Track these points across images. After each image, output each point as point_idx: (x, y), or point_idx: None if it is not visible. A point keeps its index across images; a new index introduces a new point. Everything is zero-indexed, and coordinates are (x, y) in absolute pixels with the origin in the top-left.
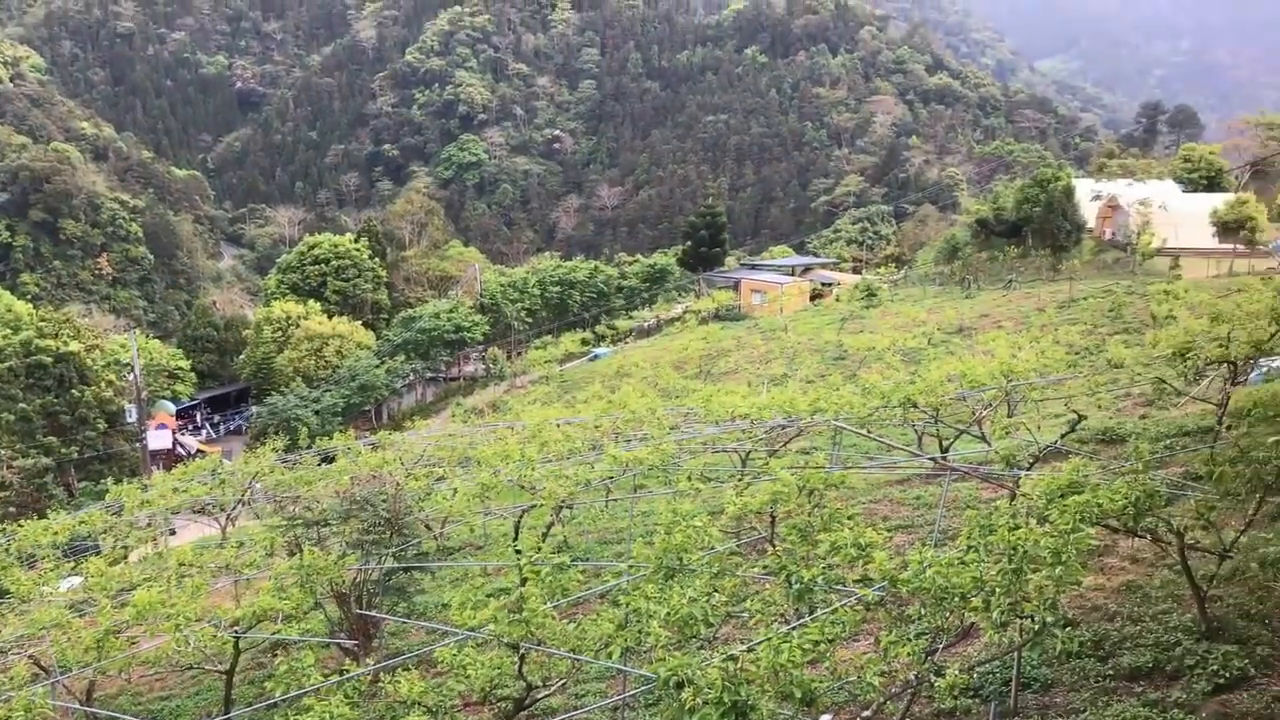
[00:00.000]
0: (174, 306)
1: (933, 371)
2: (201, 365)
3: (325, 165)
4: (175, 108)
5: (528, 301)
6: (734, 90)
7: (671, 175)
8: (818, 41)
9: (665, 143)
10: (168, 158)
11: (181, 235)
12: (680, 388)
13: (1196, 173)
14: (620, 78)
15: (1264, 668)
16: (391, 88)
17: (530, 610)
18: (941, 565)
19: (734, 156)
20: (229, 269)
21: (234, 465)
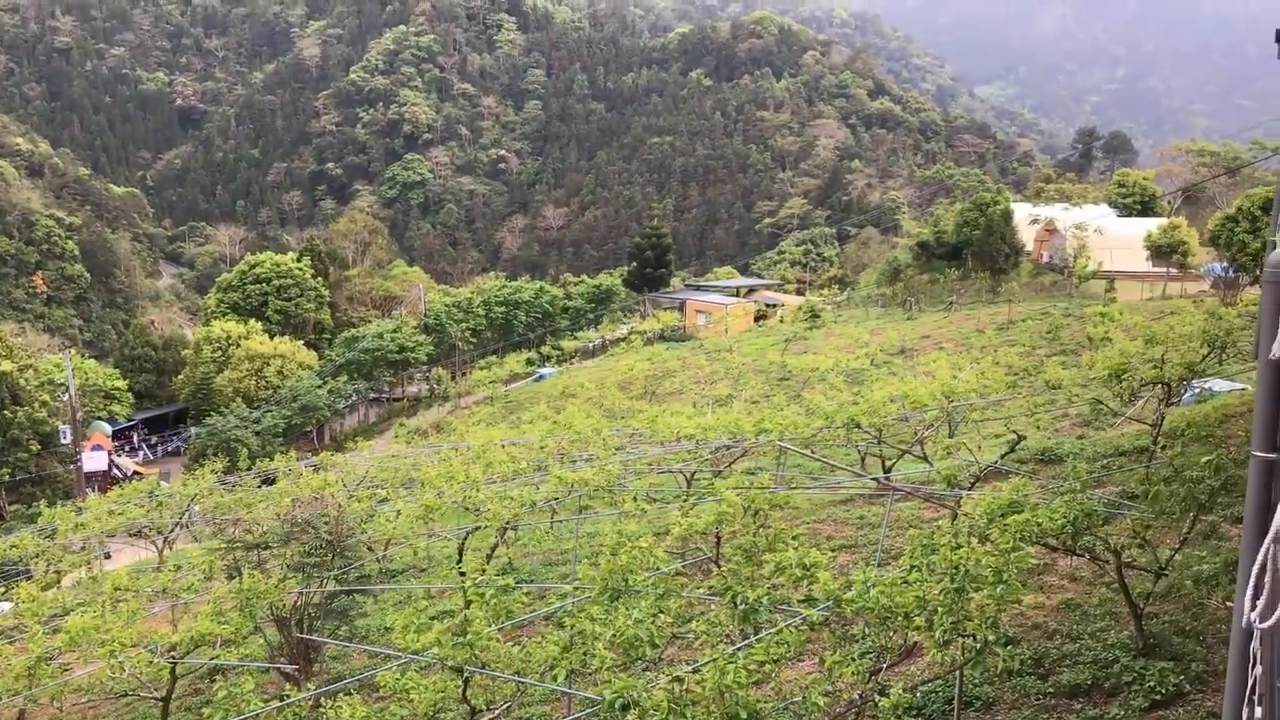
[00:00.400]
0: (111, 326)
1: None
2: (139, 385)
3: (267, 184)
4: (114, 124)
5: (472, 322)
6: (679, 112)
7: (617, 196)
8: (762, 65)
9: (611, 164)
10: (106, 175)
11: (119, 253)
12: (626, 408)
13: (1130, 198)
14: (566, 99)
15: (1199, 684)
16: (335, 106)
17: (474, 633)
18: (885, 585)
19: (679, 178)
20: (168, 288)
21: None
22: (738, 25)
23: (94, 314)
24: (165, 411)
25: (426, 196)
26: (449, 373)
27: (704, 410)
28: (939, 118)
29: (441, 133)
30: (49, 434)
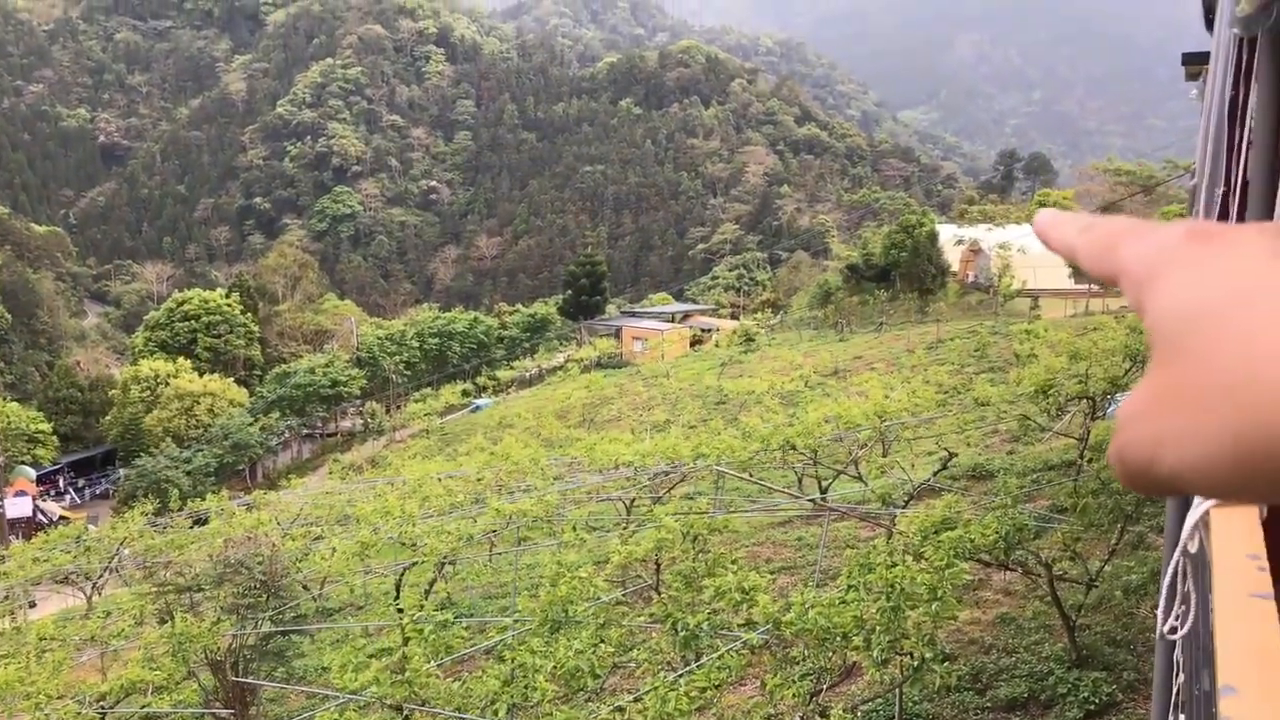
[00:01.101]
0: (34, 367)
1: (810, 414)
2: (64, 428)
3: (194, 219)
4: (34, 162)
5: (406, 354)
6: (610, 141)
7: (550, 225)
8: (690, 94)
9: (543, 193)
10: (26, 213)
11: (42, 293)
12: (563, 437)
13: None
14: (496, 129)
15: (1130, 692)
16: (262, 140)
17: (413, 670)
18: (823, 606)
19: (612, 206)
20: (94, 327)
21: (100, 531)
22: (665, 54)
23: (16, 356)
24: (93, 454)
25: (357, 229)
26: (383, 406)
27: (642, 436)
28: (864, 143)
29: (371, 165)
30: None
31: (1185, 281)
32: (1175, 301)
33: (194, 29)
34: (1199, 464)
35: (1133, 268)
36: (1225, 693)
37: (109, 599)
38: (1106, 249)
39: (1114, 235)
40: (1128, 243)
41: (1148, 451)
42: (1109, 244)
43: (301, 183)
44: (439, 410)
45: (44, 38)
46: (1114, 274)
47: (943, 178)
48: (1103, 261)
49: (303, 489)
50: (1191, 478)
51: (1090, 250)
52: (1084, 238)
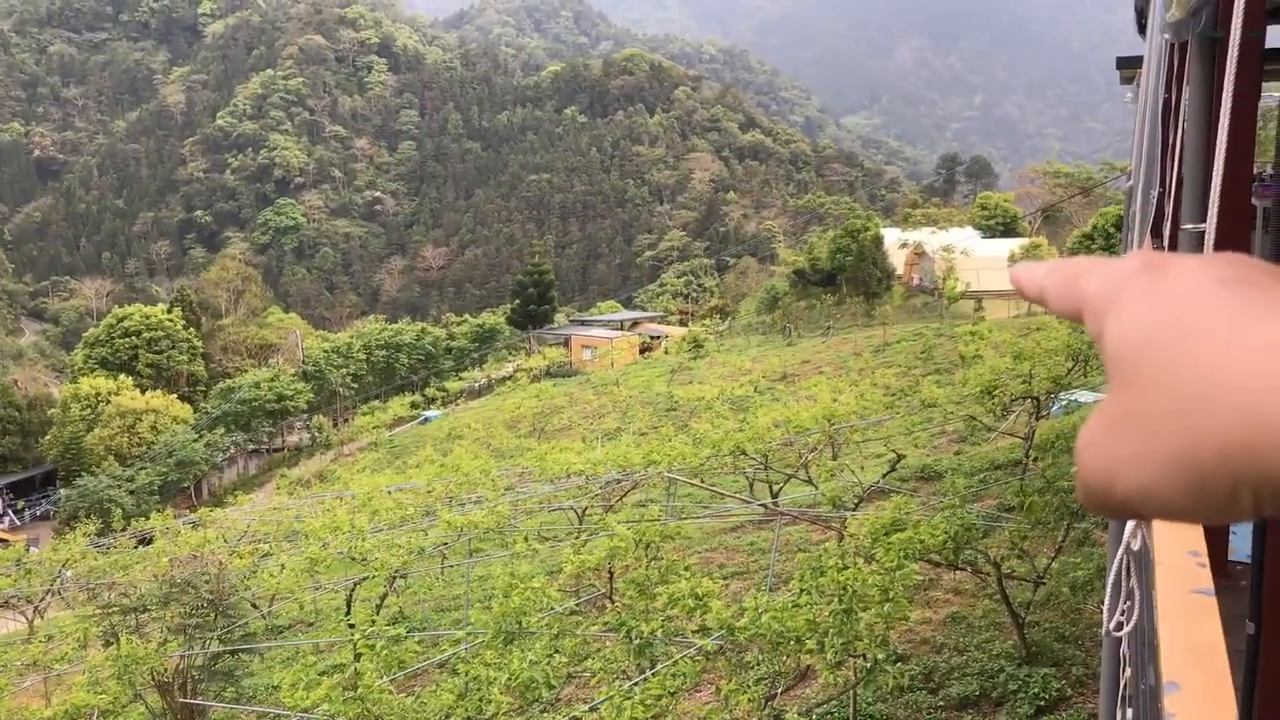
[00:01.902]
0: None
1: (760, 419)
2: (2, 449)
3: (134, 234)
4: None
5: (353, 367)
6: (555, 149)
7: (497, 234)
8: (635, 102)
9: (489, 202)
10: None
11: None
12: (514, 447)
13: (993, 219)
14: (441, 138)
15: (1079, 687)
16: (203, 153)
17: (365, 686)
18: (776, 610)
19: (558, 214)
20: (31, 345)
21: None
22: (609, 63)
23: None
24: (32, 474)
25: (301, 241)
26: (330, 420)
27: (593, 445)
28: (808, 148)
29: (314, 176)
30: None
31: (1137, 311)
32: (1129, 329)
33: (130, 41)
34: (1153, 487)
35: (1093, 300)
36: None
37: (51, 622)
38: (1070, 285)
39: (1076, 272)
40: (1089, 277)
41: (1105, 476)
42: (1072, 280)
43: (243, 195)
44: (387, 423)
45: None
46: (1077, 308)
47: (886, 182)
48: (1067, 298)
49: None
50: (1146, 501)
51: (1055, 289)
52: (1050, 279)
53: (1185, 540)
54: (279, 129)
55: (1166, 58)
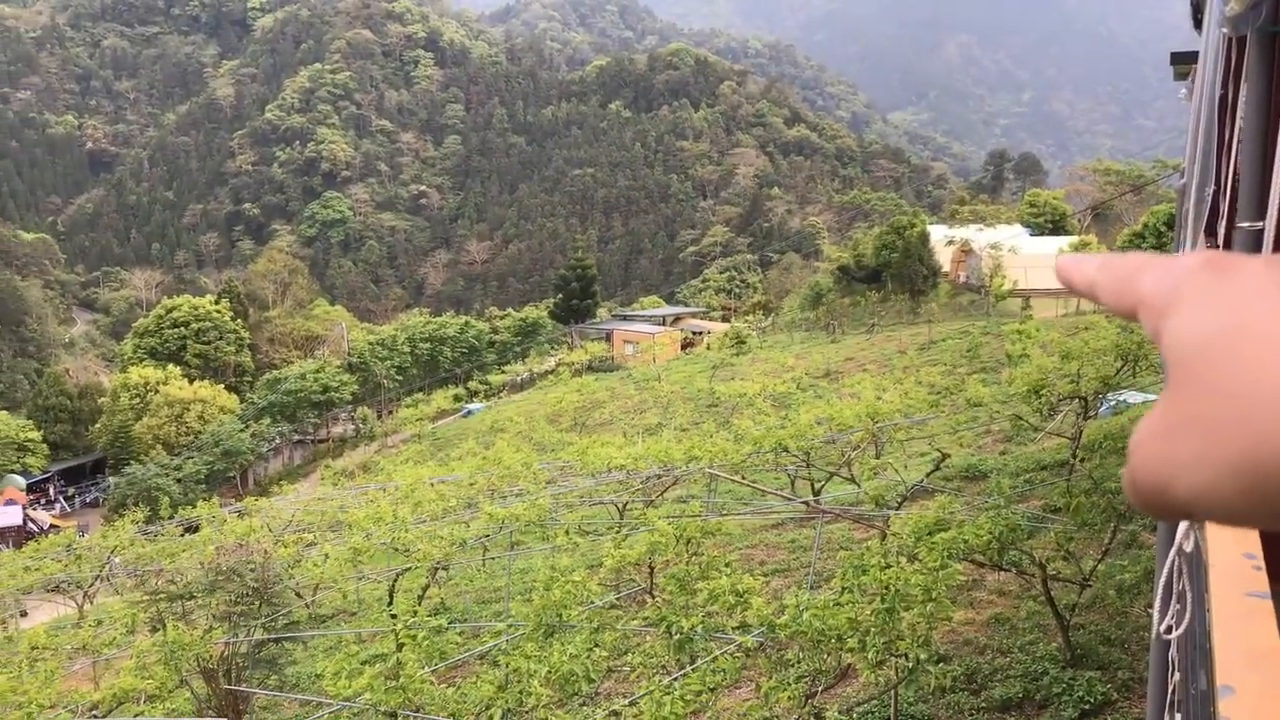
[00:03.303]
0: (23, 376)
1: (802, 416)
2: (54, 436)
3: (183, 226)
4: (21, 169)
5: (397, 359)
6: (599, 144)
7: (540, 229)
8: (680, 96)
9: (533, 197)
10: (14, 221)
11: (30, 301)
12: (555, 441)
13: (1042, 217)
14: (486, 133)
15: (1125, 691)
16: (251, 145)
17: (407, 676)
18: (817, 608)
19: (602, 209)
20: (82, 335)
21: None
22: (654, 57)
23: (4, 364)
24: (82, 462)
25: (347, 234)
26: (375, 411)
27: (634, 440)
28: (854, 144)
29: (360, 170)
30: None
31: (1200, 311)
32: (1189, 330)
33: (181, 35)
34: (1210, 491)
35: (1151, 298)
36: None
37: (100, 607)
38: (1125, 282)
39: (1132, 268)
40: (1146, 274)
41: (1161, 477)
42: (1128, 276)
43: (291, 188)
44: (431, 415)
45: (31, 44)
46: (1133, 305)
47: (933, 178)
48: (1122, 295)
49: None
50: (1203, 504)
51: (1109, 285)
52: (1103, 273)
53: (1240, 543)
54: (326, 123)
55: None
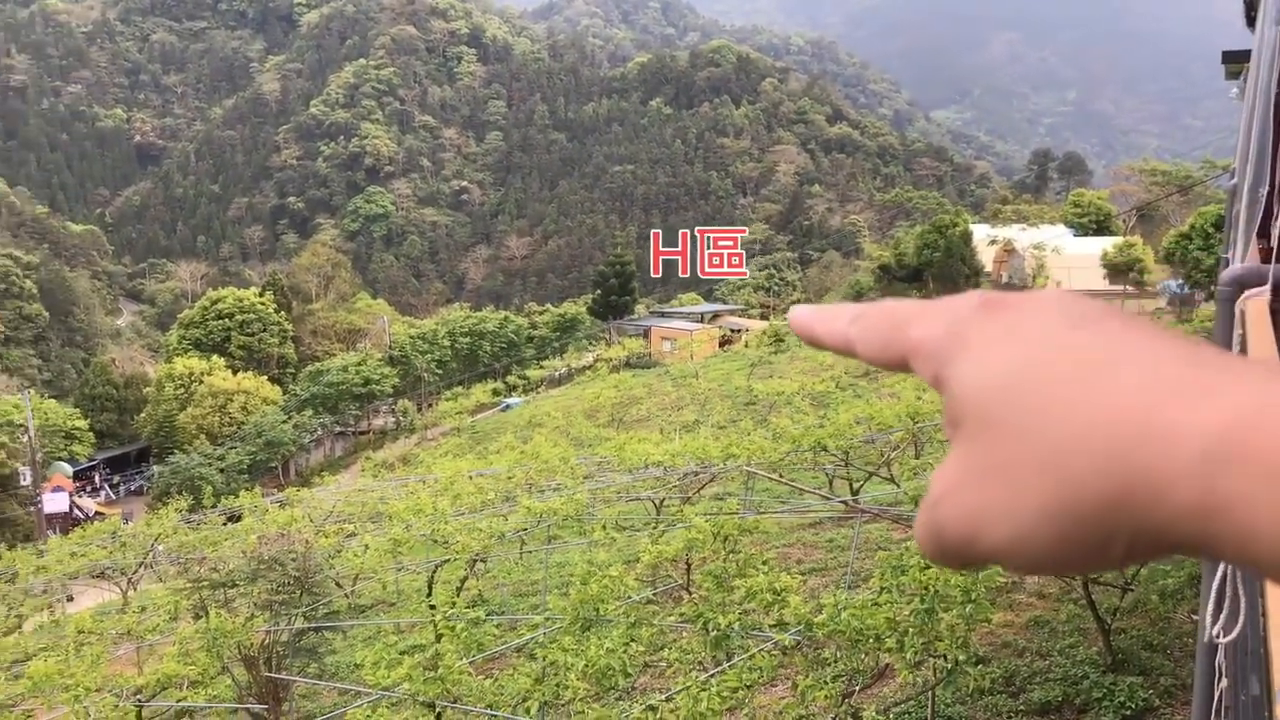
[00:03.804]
0: (70, 365)
1: (841, 415)
2: (100, 425)
3: (228, 219)
4: (71, 162)
5: (438, 353)
6: (640, 141)
7: (580, 225)
8: (720, 93)
9: (573, 193)
10: (63, 213)
11: (78, 291)
12: (593, 436)
13: (1086, 217)
14: (527, 129)
15: (1167, 698)
16: (296, 140)
17: (445, 667)
18: (856, 607)
19: (641, 206)
20: (128, 325)
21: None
22: (696, 54)
23: (53, 353)
24: (127, 450)
25: (389, 229)
26: (415, 404)
27: (671, 437)
28: (896, 142)
29: (403, 165)
30: (8, 476)
31: (989, 355)
32: (981, 375)
33: (228, 29)
34: (1021, 539)
35: (926, 344)
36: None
37: (144, 594)
38: (891, 332)
39: (897, 318)
40: (917, 322)
41: (968, 528)
42: (894, 327)
43: (335, 182)
44: (470, 409)
45: (82, 39)
46: (903, 356)
47: (976, 177)
48: (889, 345)
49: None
50: (1014, 554)
51: (871, 337)
52: (859, 326)
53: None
54: (370, 118)
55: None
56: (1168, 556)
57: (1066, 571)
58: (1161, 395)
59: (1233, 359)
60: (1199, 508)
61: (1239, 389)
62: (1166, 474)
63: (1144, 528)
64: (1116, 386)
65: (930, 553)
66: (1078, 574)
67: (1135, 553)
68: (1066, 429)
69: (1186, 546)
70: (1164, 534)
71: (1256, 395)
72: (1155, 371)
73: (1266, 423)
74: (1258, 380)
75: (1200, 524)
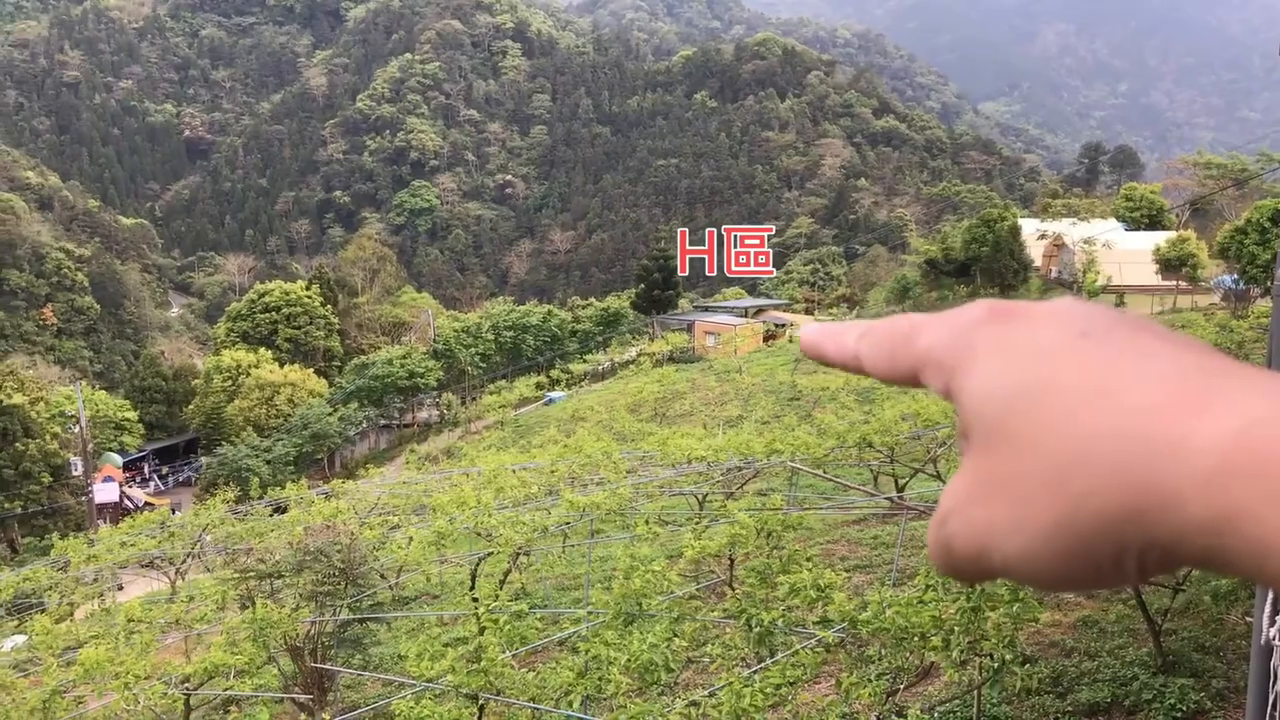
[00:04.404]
0: (121, 357)
1: (887, 411)
2: (149, 416)
3: (275, 212)
4: (122, 156)
5: (481, 346)
6: (684, 134)
7: (623, 219)
8: (766, 86)
9: (616, 187)
10: (114, 206)
11: (128, 284)
12: (636, 431)
13: (1138, 211)
14: (571, 123)
15: (1220, 701)
16: (342, 134)
17: (488, 659)
18: (900, 605)
19: (685, 200)
20: (177, 318)
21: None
22: (741, 47)
23: (104, 345)
24: (176, 442)
25: (434, 223)
26: (458, 398)
27: (715, 432)
28: (944, 135)
29: (448, 159)
30: (60, 466)
31: (998, 366)
32: (990, 387)
33: (276, 25)
34: (1029, 555)
35: (935, 356)
36: None
37: (192, 584)
38: (899, 345)
39: (903, 330)
40: (924, 332)
41: (977, 543)
42: (901, 339)
43: (380, 176)
44: (513, 402)
45: (133, 35)
46: (913, 368)
47: (1025, 171)
48: (898, 358)
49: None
50: (1024, 567)
51: (878, 351)
52: (867, 342)
53: None
54: (415, 112)
55: None
56: (1179, 571)
57: (1078, 588)
58: (1170, 406)
59: (1245, 367)
60: (1210, 522)
61: (1250, 399)
62: (1177, 487)
63: (1155, 542)
64: (1125, 398)
65: (942, 568)
66: (1089, 590)
67: (1147, 568)
68: (1074, 442)
69: (1199, 561)
70: (1176, 548)
71: (1268, 405)
72: (1164, 382)
73: (1278, 433)
74: (1269, 389)
75: (1212, 539)
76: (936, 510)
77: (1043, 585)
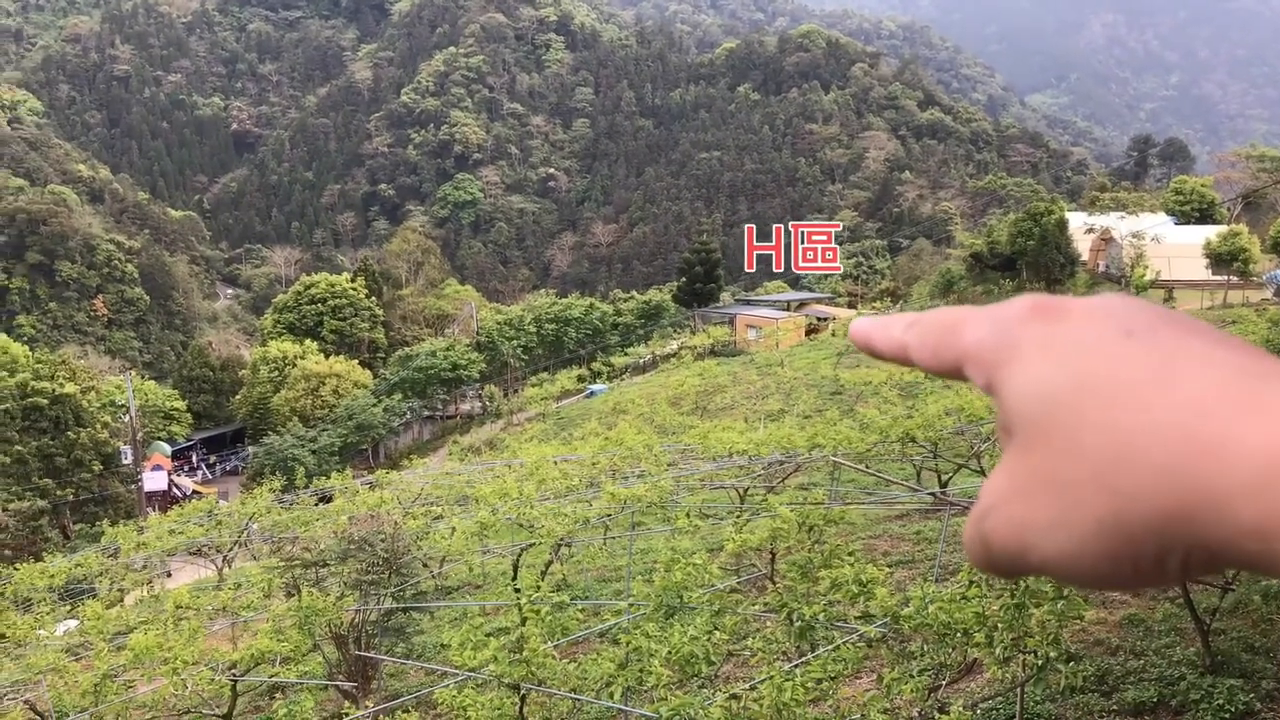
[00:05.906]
0: (169, 347)
1: (930, 406)
2: (197, 406)
3: (321, 205)
4: (171, 149)
5: (524, 339)
6: (727, 127)
7: (665, 212)
8: (810, 78)
9: (659, 180)
10: (164, 199)
11: (177, 276)
12: (677, 424)
13: (1188, 205)
14: (614, 116)
15: (1269, 702)
16: (387, 128)
17: (530, 650)
18: (943, 601)
19: (727, 193)
20: (225, 309)
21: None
22: (785, 39)
23: (153, 336)
24: (223, 431)
25: (477, 215)
26: (501, 390)
27: (756, 425)
28: (990, 127)
29: (491, 152)
30: (111, 454)
31: (1041, 363)
32: (1033, 385)
33: (322, 19)
34: (1071, 554)
35: (978, 350)
36: None
37: (238, 571)
38: (944, 337)
39: (949, 322)
40: (968, 326)
41: (1017, 540)
42: (946, 331)
43: (424, 170)
44: (555, 395)
45: (182, 29)
46: (957, 360)
47: (1072, 164)
48: (942, 350)
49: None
50: (1064, 566)
51: (924, 343)
52: (914, 333)
53: None
54: (459, 106)
55: None
56: (1226, 571)
57: (1115, 586)
58: (1218, 408)
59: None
60: (1259, 526)
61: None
62: (1224, 491)
63: (1200, 545)
64: (1171, 399)
65: (979, 564)
66: (1126, 589)
67: (1191, 570)
68: (1119, 442)
69: (1246, 564)
70: (1221, 552)
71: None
72: (1211, 383)
73: None
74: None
75: (1261, 543)
76: (975, 505)
77: (1080, 583)
